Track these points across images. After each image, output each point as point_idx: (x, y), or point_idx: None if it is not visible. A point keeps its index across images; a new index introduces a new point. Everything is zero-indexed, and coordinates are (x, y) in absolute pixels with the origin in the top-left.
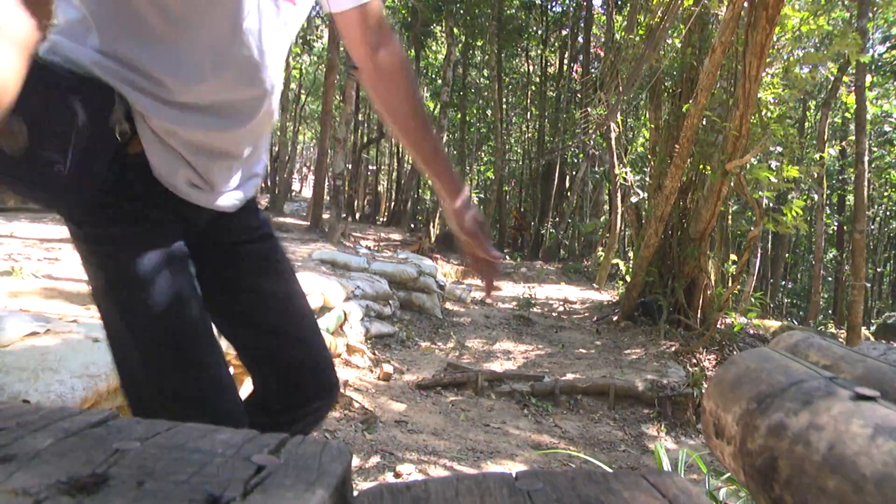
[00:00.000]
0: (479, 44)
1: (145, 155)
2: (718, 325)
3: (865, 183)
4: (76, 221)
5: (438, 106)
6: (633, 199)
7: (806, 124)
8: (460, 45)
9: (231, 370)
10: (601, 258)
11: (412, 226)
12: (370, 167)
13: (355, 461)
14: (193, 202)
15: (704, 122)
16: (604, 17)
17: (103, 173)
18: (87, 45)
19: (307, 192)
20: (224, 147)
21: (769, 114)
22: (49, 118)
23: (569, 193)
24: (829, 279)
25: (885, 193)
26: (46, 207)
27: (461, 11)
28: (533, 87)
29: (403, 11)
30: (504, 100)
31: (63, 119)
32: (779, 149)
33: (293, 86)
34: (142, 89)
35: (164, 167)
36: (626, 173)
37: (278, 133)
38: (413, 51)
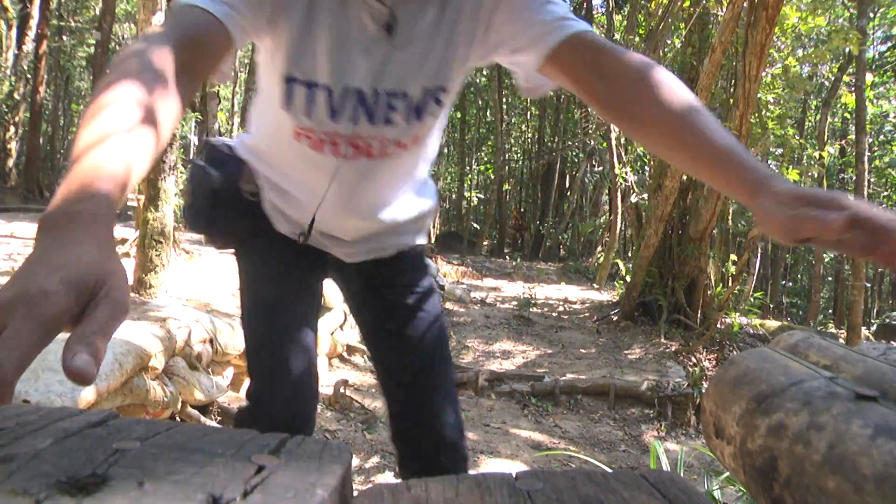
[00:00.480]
0: None
1: None
2: (718, 325)
3: (865, 183)
4: (230, 243)
5: None
6: (633, 199)
7: (806, 124)
8: None
9: (231, 370)
10: (601, 258)
11: None
12: None
13: (355, 461)
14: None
15: None
16: (604, 18)
17: (237, 218)
18: (246, 136)
19: None
20: (328, 231)
21: (769, 114)
22: (197, 182)
23: (569, 193)
24: (829, 279)
25: (885, 193)
26: (209, 242)
27: None
28: None
29: None
30: (504, 100)
31: (204, 182)
32: (779, 150)
33: None
34: (262, 173)
35: (279, 225)
36: (626, 173)
37: None
38: None
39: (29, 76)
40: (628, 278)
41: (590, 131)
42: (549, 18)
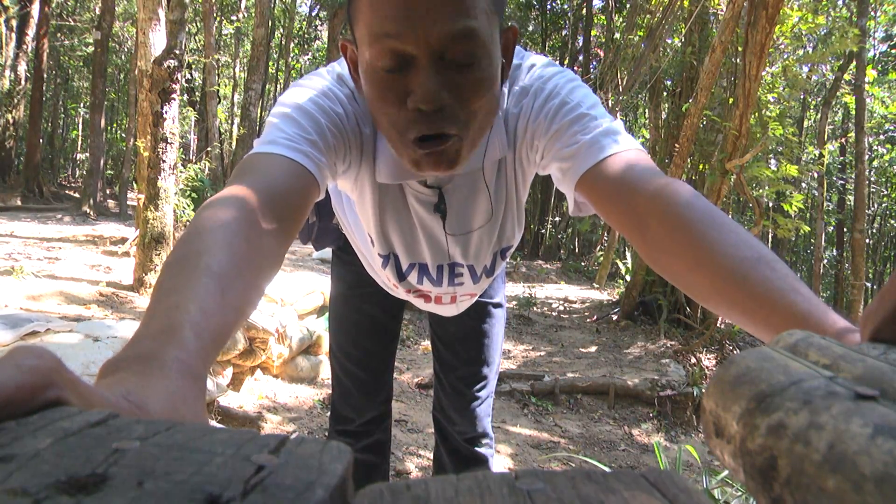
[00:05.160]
0: None
1: None
2: (718, 325)
3: (865, 182)
4: (334, 250)
5: None
6: None
7: (805, 123)
8: None
9: (231, 370)
10: (601, 258)
11: None
12: None
13: None
14: None
15: (704, 122)
16: (604, 18)
17: (335, 240)
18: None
19: None
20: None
21: (769, 113)
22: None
23: None
24: (830, 278)
25: (885, 193)
26: (318, 246)
27: None
28: None
29: None
30: None
31: (313, 213)
32: (779, 148)
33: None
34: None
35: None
36: None
37: None
38: None
39: (28, 75)
40: (628, 278)
41: None
42: (582, 141)
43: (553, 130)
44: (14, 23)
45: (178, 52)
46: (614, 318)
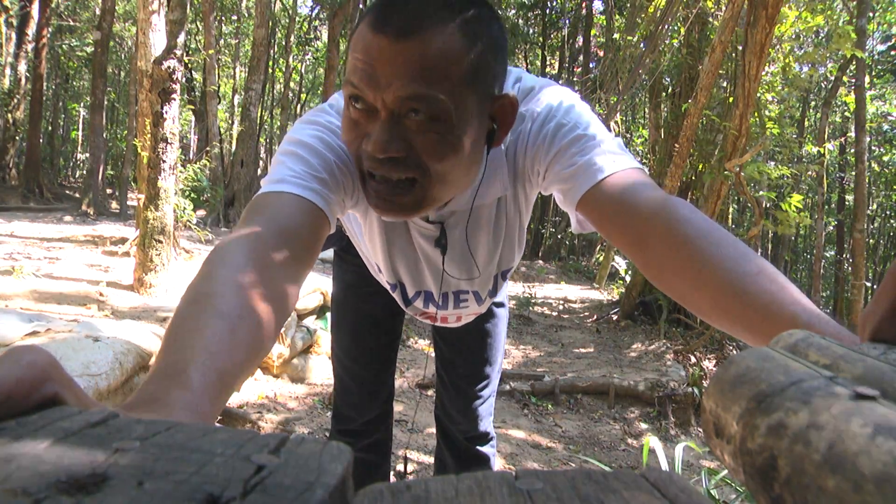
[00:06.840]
0: None
1: None
2: None
3: (865, 182)
4: (335, 250)
5: None
6: None
7: (805, 123)
8: None
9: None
10: (601, 258)
11: None
12: None
13: None
14: None
15: (704, 122)
16: (604, 19)
17: (338, 241)
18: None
19: None
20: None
21: (769, 113)
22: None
23: None
24: (830, 278)
25: (885, 193)
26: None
27: None
28: None
29: None
30: None
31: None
32: (778, 149)
33: (293, 85)
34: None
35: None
36: None
37: (277, 132)
38: None
39: (28, 75)
40: (628, 278)
41: None
42: (580, 162)
43: (552, 153)
44: (14, 22)
45: (178, 52)
46: (614, 318)
